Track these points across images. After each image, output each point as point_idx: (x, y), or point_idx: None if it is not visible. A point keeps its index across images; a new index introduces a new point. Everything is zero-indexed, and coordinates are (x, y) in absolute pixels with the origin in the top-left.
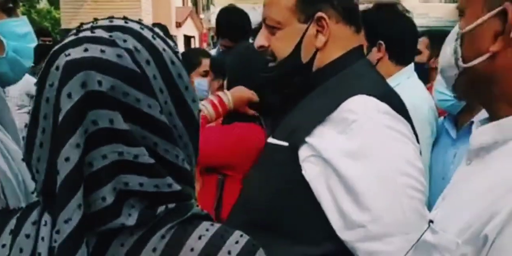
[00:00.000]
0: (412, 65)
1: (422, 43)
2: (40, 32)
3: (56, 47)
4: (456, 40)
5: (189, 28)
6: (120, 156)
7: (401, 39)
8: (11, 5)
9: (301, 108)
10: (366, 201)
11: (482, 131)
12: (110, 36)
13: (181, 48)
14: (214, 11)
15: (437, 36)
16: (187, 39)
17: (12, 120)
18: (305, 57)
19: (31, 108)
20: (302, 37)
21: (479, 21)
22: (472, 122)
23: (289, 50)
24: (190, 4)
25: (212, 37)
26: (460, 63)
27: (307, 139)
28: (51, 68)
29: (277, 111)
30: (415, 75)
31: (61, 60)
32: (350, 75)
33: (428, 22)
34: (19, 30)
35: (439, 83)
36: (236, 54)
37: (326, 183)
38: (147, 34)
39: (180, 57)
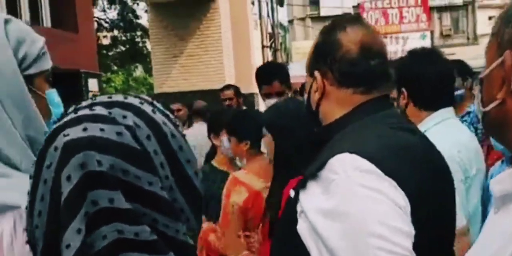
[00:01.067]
0: (443, 110)
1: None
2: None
3: (56, 125)
4: (479, 84)
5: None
6: (120, 234)
7: (421, 86)
8: (51, 78)
9: (311, 163)
10: None
11: (499, 180)
12: (110, 113)
13: (262, 106)
14: (292, 67)
15: None
16: None
17: None
18: (313, 108)
19: (29, 189)
20: (309, 90)
21: (491, 67)
22: None
23: (306, 98)
24: None
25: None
26: (480, 107)
27: (301, 194)
28: (50, 148)
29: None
30: (448, 120)
31: (60, 141)
32: (346, 134)
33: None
34: (57, 99)
35: None
36: (280, 110)
37: (314, 239)
38: (147, 108)
39: (181, 130)
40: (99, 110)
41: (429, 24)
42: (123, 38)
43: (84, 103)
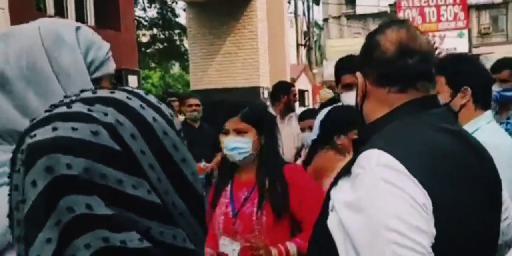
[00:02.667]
0: (490, 111)
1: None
2: (169, 93)
3: (26, 127)
4: None
5: (303, 83)
6: (106, 242)
7: (486, 85)
8: (114, 80)
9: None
10: (359, 253)
11: None
12: (89, 110)
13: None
14: (326, 65)
15: None
16: (301, 93)
17: None
18: (359, 109)
19: (7, 197)
20: (357, 91)
21: None
22: None
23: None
24: (304, 60)
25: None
26: None
27: (332, 191)
28: (18, 152)
29: None
30: (494, 121)
31: (26, 143)
32: (383, 133)
33: None
34: None
35: None
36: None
37: (341, 233)
38: (134, 104)
39: (177, 125)
40: (77, 107)
41: (467, 22)
42: (161, 36)
43: (64, 100)
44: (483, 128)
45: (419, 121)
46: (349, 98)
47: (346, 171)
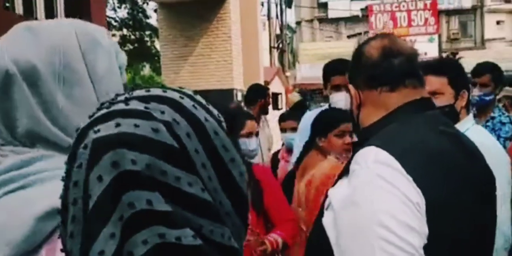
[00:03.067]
0: (472, 114)
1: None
2: None
3: (86, 122)
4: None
5: (277, 86)
6: (162, 238)
7: (468, 88)
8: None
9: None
10: (345, 249)
11: None
12: (146, 107)
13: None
14: (299, 68)
15: None
16: (275, 96)
17: None
18: (355, 119)
19: (61, 192)
20: (351, 104)
21: None
22: None
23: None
24: (277, 63)
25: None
26: None
27: (331, 189)
28: (79, 147)
29: None
30: (477, 124)
31: (90, 138)
32: (380, 133)
33: None
34: None
35: None
36: None
37: (336, 229)
38: (187, 103)
39: (225, 127)
40: (134, 105)
41: (438, 27)
42: (132, 37)
43: (119, 98)
44: (471, 129)
45: (416, 122)
46: (337, 98)
47: (345, 171)
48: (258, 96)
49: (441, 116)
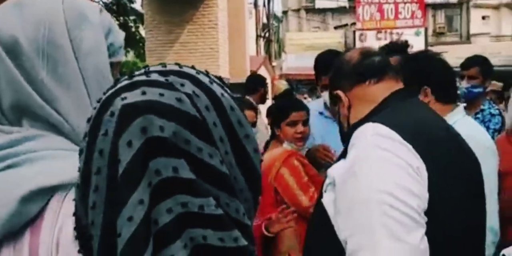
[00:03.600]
0: (463, 106)
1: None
2: None
3: (109, 92)
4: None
5: (263, 75)
6: (184, 207)
7: (442, 81)
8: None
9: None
10: (346, 218)
11: None
12: (167, 80)
13: None
14: (285, 58)
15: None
16: None
17: None
18: (345, 127)
19: (81, 165)
20: (338, 114)
21: None
22: None
23: (340, 127)
24: (263, 53)
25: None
26: None
27: (329, 170)
28: (105, 115)
29: None
30: (468, 116)
31: (117, 105)
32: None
33: (500, 61)
34: None
35: None
36: None
37: (335, 205)
38: (204, 79)
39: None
40: (155, 77)
41: (424, 20)
42: (116, 22)
43: (137, 72)
44: (460, 121)
45: (406, 105)
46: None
47: (343, 153)
48: (258, 84)
49: (425, 103)
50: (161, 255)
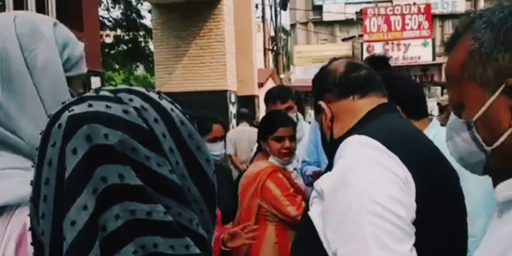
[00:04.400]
0: (435, 118)
1: None
2: None
3: (58, 108)
4: (470, 129)
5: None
6: (133, 215)
7: (408, 97)
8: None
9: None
10: (337, 228)
11: (506, 185)
12: (115, 95)
13: (262, 108)
14: (293, 70)
15: None
16: None
17: None
18: (328, 138)
19: (33, 176)
20: (321, 125)
21: (487, 103)
22: None
23: (321, 138)
24: (271, 65)
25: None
26: (486, 147)
27: (315, 183)
28: (53, 127)
29: None
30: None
31: (64, 117)
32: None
33: None
34: None
35: None
36: None
37: (323, 217)
38: (153, 95)
39: (189, 118)
40: (105, 93)
41: (431, 31)
42: (126, 37)
43: (89, 92)
44: (442, 130)
45: (388, 118)
46: None
47: (329, 166)
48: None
49: (406, 118)
50: None
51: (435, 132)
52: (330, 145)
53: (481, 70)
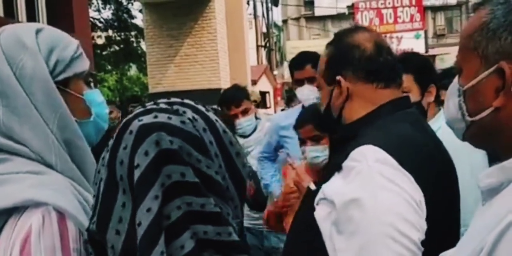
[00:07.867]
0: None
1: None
2: (131, 99)
3: (128, 117)
4: (459, 96)
5: (264, 84)
6: (189, 206)
7: (440, 84)
8: (90, 79)
9: (334, 159)
10: (346, 247)
11: (488, 174)
12: (172, 108)
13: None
14: (287, 66)
15: None
16: (263, 94)
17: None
18: (335, 115)
19: (105, 175)
20: (330, 98)
21: (478, 78)
22: None
23: (323, 108)
24: (264, 61)
25: (286, 90)
26: (467, 117)
27: (323, 185)
28: (125, 133)
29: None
30: None
31: (135, 125)
32: (370, 130)
33: None
34: (98, 99)
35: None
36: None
37: (331, 223)
38: (201, 108)
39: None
40: (163, 105)
41: (423, 23)
42: (117, 38)
43: (148, 104)
44: (444, 126)
45: (402, 119)
46: (301, 93)
47: (338, 167)
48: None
49: (418, 114)
50: (172, 246)
51: (438, 126)
52: (336, 124)
53: (484, 45)
